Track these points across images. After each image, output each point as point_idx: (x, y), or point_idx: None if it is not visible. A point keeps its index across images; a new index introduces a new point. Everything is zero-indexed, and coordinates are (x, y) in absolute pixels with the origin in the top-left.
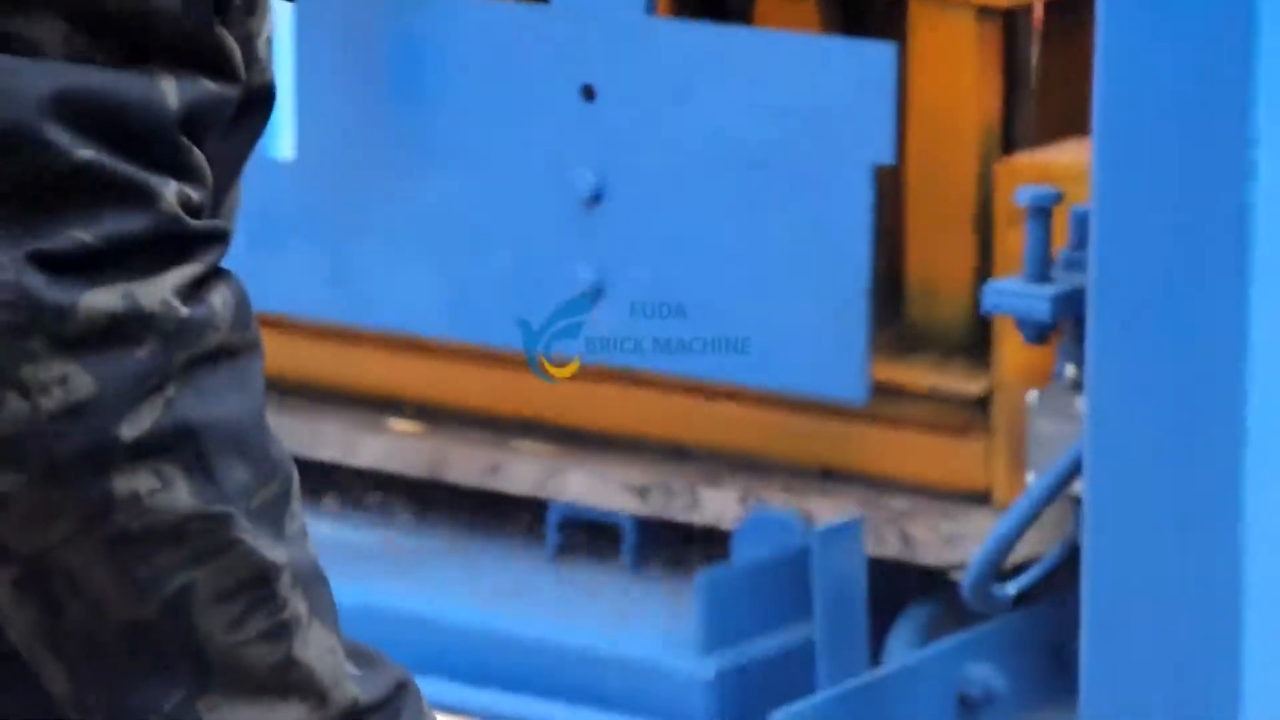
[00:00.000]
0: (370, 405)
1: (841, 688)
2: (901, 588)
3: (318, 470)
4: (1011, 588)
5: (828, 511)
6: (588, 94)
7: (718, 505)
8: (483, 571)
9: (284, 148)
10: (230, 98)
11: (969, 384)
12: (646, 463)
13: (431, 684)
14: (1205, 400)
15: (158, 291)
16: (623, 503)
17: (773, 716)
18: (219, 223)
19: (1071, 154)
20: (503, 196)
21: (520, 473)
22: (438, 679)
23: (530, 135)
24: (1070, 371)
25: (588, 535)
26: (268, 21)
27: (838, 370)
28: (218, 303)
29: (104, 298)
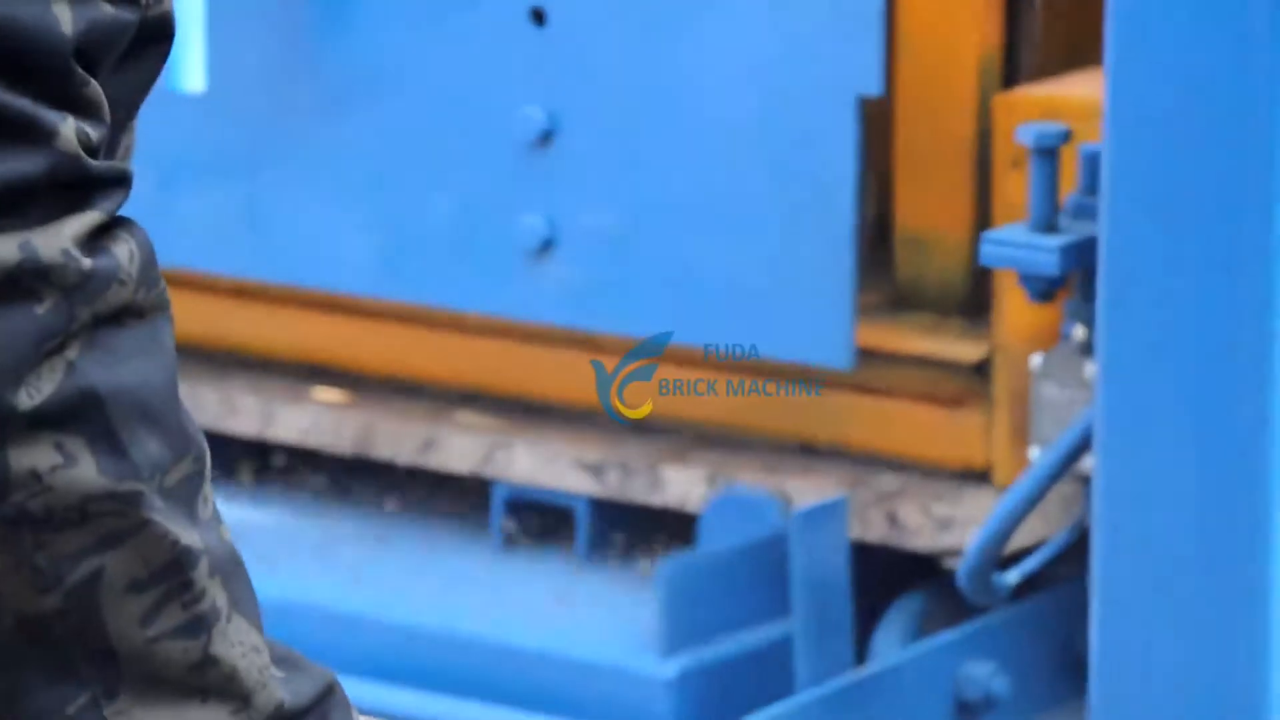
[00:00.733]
0: (291, 372)
1: (823, 689)
2: (890, 576)
3: (232, 445)
4: (1013, 576)
5: (807, 492)
6: (537, 18)
7: (682, 485)
8: (418, 561)
9: (192, 80)
10: (128, 23)
11: (966, 348)
12: (602, 437)
13: (360, 687)
14: (1230, 364)
15: (57, 241)
16: (575, 483)
17: None
18: (121, 165)
19: (1081, 87)
20: (440, 136)
21: (460, 449)
22: (367, 681)
23: (471, 66)
24: (1079, 333)
25: (536, 519)
26: None
27: (819, 333)
28: (123, 255)
29: None
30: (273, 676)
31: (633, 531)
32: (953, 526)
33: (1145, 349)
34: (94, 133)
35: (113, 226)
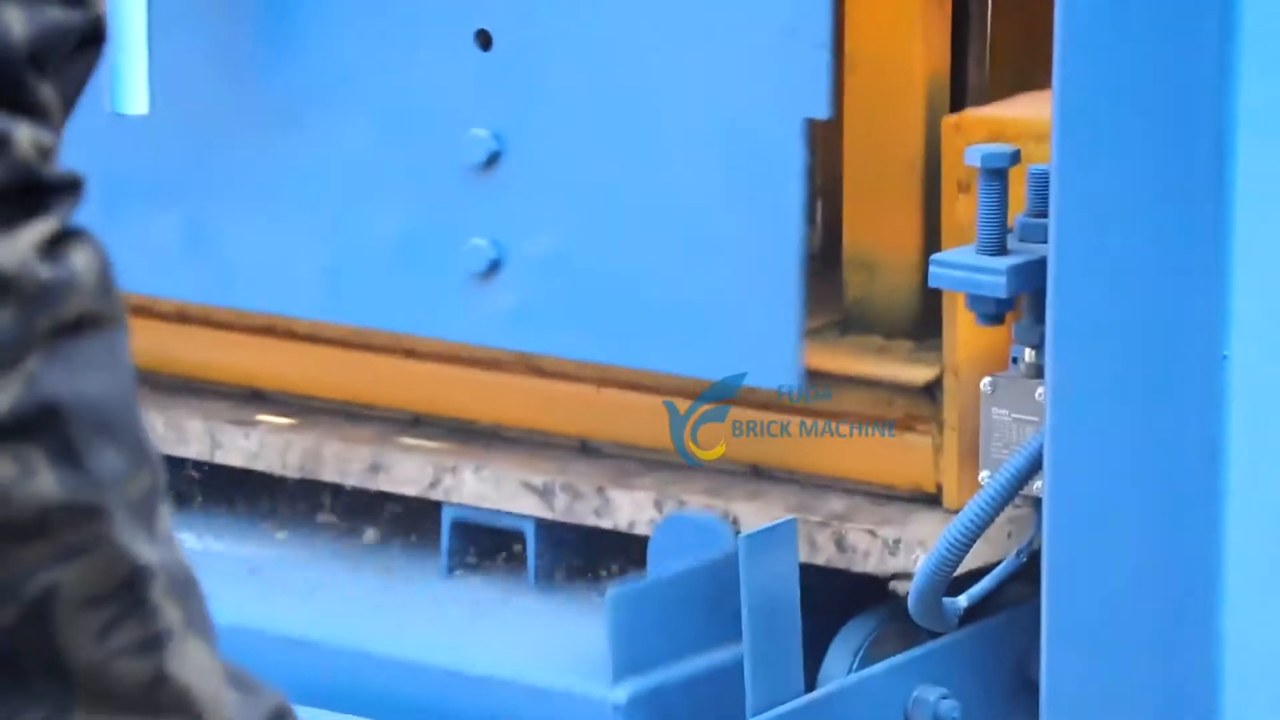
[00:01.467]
0: (236, 397)
1: (773, 713)
2: (839, 599)
3: (177, 470)
4: (964, 601)
5: (756, 515)
6: (483, 41)
7: (630, 508)
8: (365, 584)
9: (135, 102)
10: (75, 27)
11: (915, 370)
12: (550, 460)
13: (307, 712)
14: (1179, 386)
15: (15, 249)
16: (523, 505)
17: None
18: (74, 172)
19: (1029, 108)
20: (386, 159)
21: (407, 472)
22: (314, 708)
23: (417, 88)
24: (1028, 355)
25: (484, 542)
26: None
27: (766, 355)
28: (80, 263)
29: None
30: (226, 697)
31: (581, 554)
32: (902, 550)
33: (1094, 371)
34: (47, 139)
35: (68, 235)
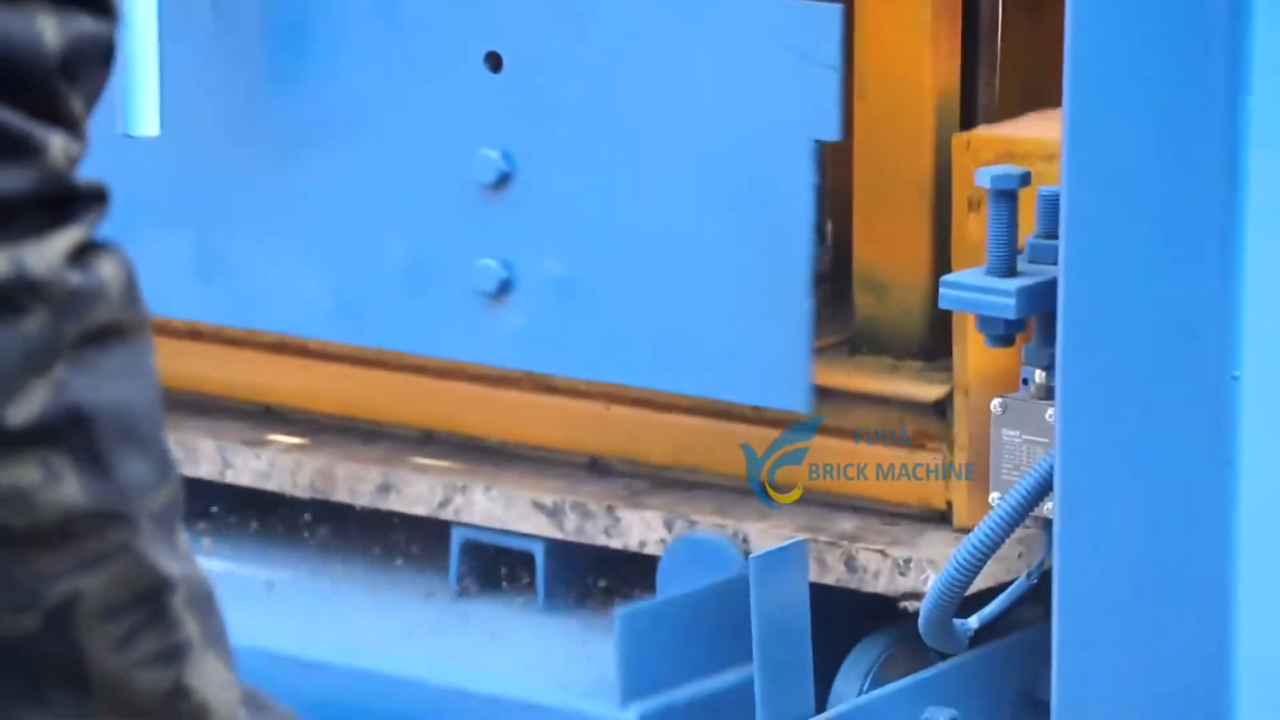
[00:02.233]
0: (247, 416)
1: None
2: (850, 620)
3: (188, 490)
4: (974, 621)
5: (766, 535)
6: (493, 63)
7: (640, 528)
8: (375, 604)
9: (147, 124)
10: (107, 38)
11: (925, 390)
12: (560, 479)
13: None
14: (1191, 407)
15: (46, 256)
16: (533, 525)
17: None
18: (101, 182)
19: (1039, 127)
20: (396, 179)
21: (417, 492)
22: None
23: (427, 110)
24: (1038, 377)
25: (493, 562)
26: None
27: (776, 374)
28: (107, 272)
29: None
30: (241, 714)
31: (591, 574)
32: (912, 569)
33: (1104, 393)
34: (76, 149)
35: (95, 245)
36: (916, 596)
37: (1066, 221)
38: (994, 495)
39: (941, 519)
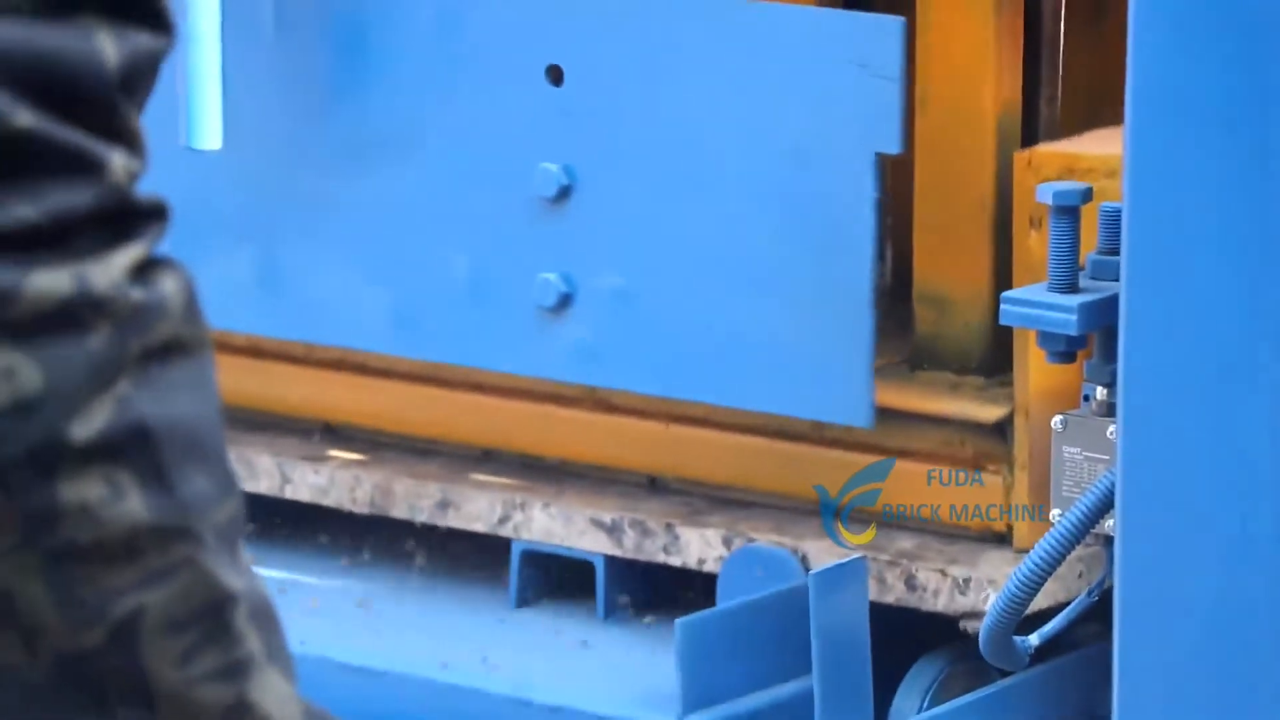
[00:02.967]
0: (307, 432)
1: None
2: (910, 639)
3: (248, 505)
4: (1034, 639)
5: (825, 552)
6: (554, 76)
7: (699, 545)
8: (435, 619)
9: (209, 138)
10: (163, 53)
11: (986, 408)
12: (619, 496)
13: None
14: (1254, 423)
15: (109, 273)
16: (592, 542)
17: None
18: (161, 198)
19: (1101, 144)
20: (457, 193)
21: (476, 508)
22: None
23: (488, 124)
24: (1100, 394)
25: (553, 578)
26: None
27: (837, 392)
28: (168, 288)
29: (52, 279)
30: None
31: (650, 590)
32: (971, 588)
33: (1167, 410)
34: (136, 165)
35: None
36: (976, 616)
37: (1128, 237)
38: (1055, 512)
39: (1001, 539)
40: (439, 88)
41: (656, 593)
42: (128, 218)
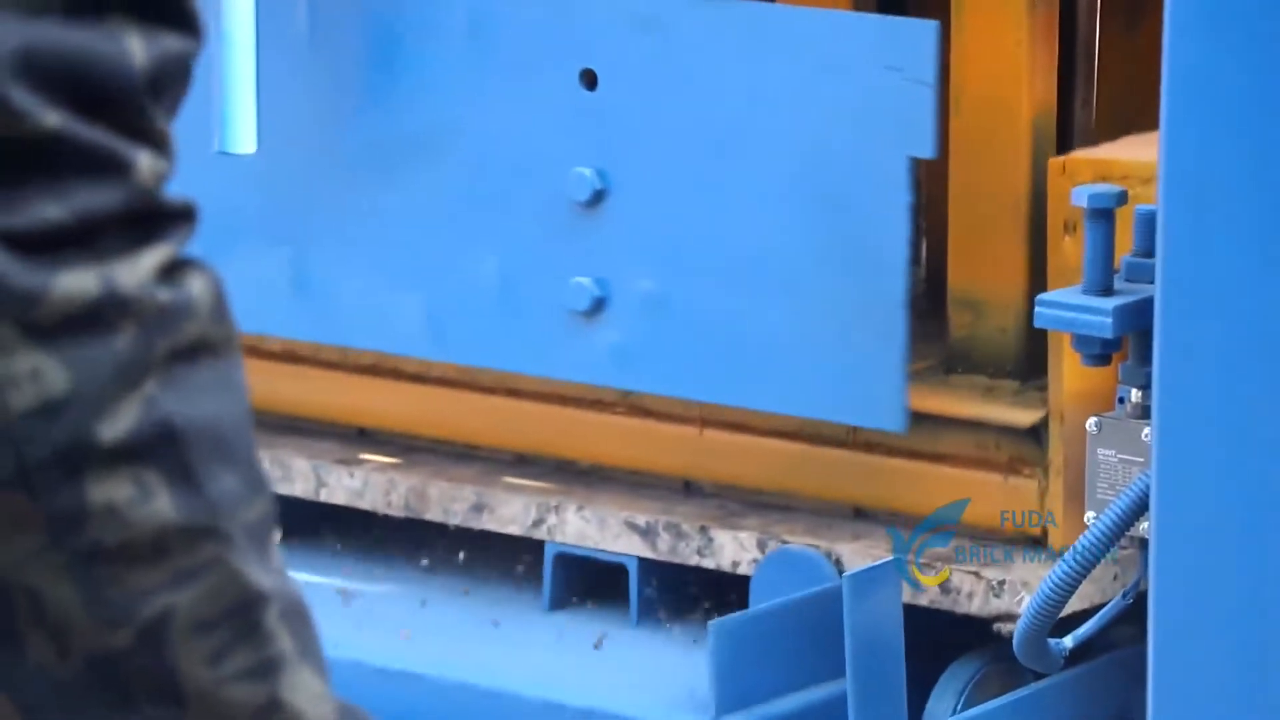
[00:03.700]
0: (341, 435)
1: None
2: (943, 641)
3: (282, 508)
4: (1069, 641)
5: (859, 556)
6: (588, 81)
7: (734, 548)
8: (469, 621)
9: (243, 142)
10: (192, 56)
11: (1020, 412)
12: (653, 500)
13: None
14: None
15: (135, 274)
16: (626, 544)
17: None
18: (189, 199)
19: (1136, 150)
20: (490, 197)
21: (510, 511)
22: None
23: (522, 129)
24: (1135, 396)
25: (587, 580)
26: None
27: (871, 395)
28: (196, 289)
29: (79, 280)
30: None
31: (684, 593)
32: (1006, 591)
33: (1201, 412)
34: (163, 167)
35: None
36: (1010, 618)
37: (1164, 239)
38: (1089, 515)
39: (1036, 542)
40: (472, 92)
41: (690, 595)
42: (155, 218)
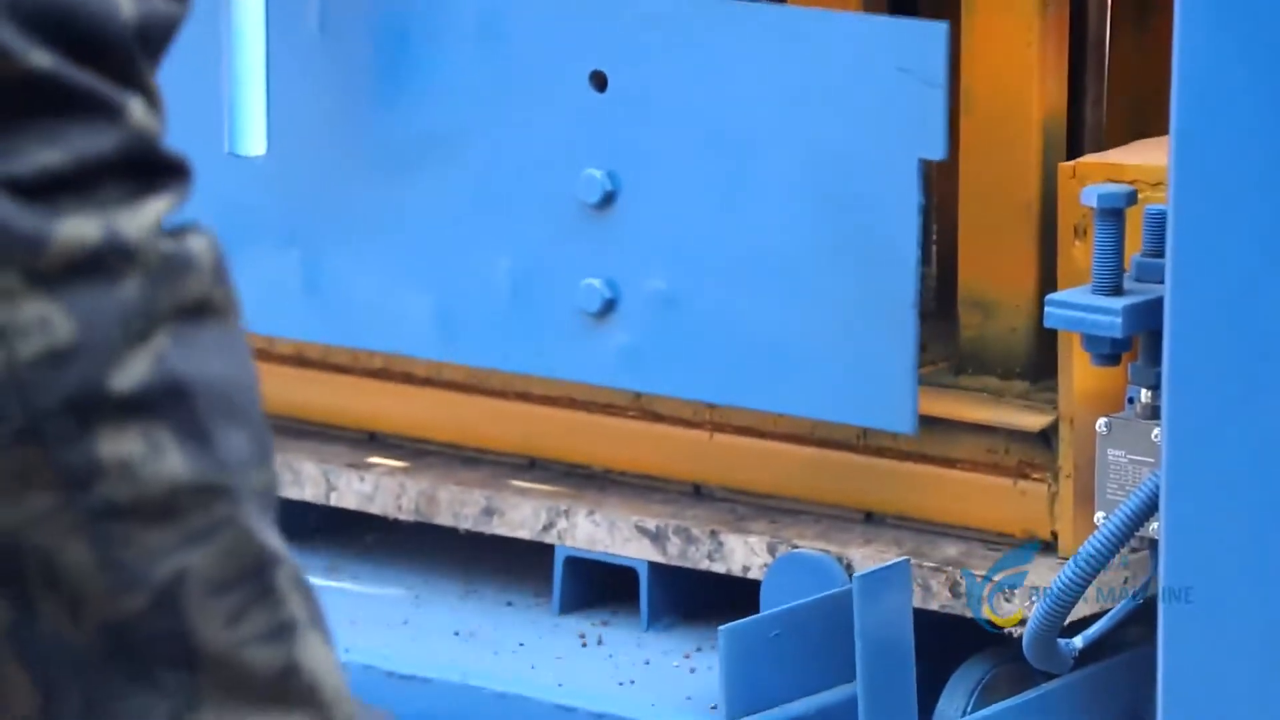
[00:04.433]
0: (351, 439)
1: None
2: (954, 645)
3: (292, 512)
4: (1079, 641)
5: (869, 560)
6: (598, 83)
7: (744, 552)
8: (479, 625)
9: (254, 144)
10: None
11: (1030, 416)
12: (663, 504)
13: None
14: None
15: (138, 221)
16: (636, 549)
17: None
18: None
19: (1146, 154)
20: (501, 199)
21: (520, 515)
22: None
23: (532, 130)
24: (1144, 396)
25: (597, 584)
26: None
27: (881, 397)
28: (197, 246)
29: (81, 227)
30: (349, 694)
31: (694, 597)
32: (1016, 595)
33: (1211, 412)
34: (154, 121)
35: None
36: (1020, 621)
37: (1174, 239)
38: (1099, 515)
39: (1047, 547)
40: (483, 94)
41: (700, 600)
42: (152, 169)
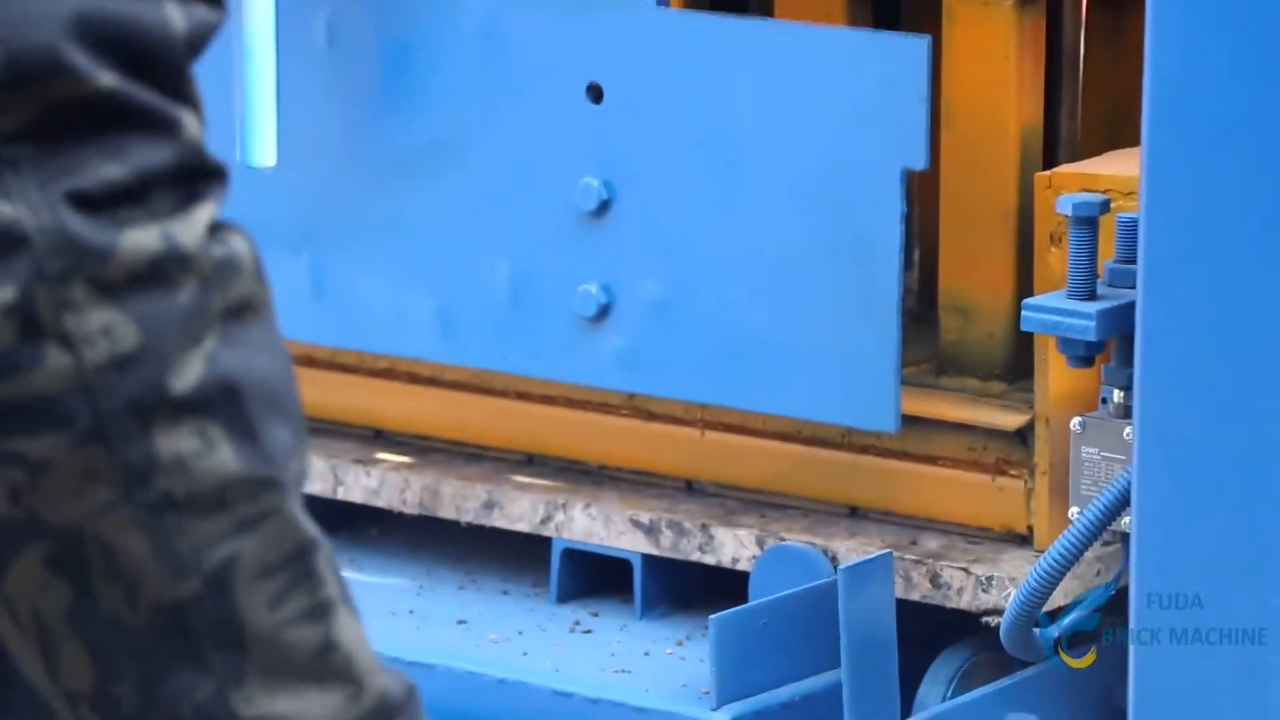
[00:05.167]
0: (357, 436)
1: None
2: (934, 635)
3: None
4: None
5: (854, 553)
6: (594, 94)
7: (733, 545)
8: (479, 614)
9: (264, 155)
10: (218, 26)
11: (1008, 414)
12: (656, 499)
13: None
14: (1265, 426)
15: (193, 230)
16: (631, 541)
17: None
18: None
19: (1119, 164)
20: (500, 206)
21: (519, 509)
22: None
23: (531, 140)
24: (1117, 396)
25: (593, 575)
26: None
27: (866, 398)
28: (240, 247)
29: (143, 237)
30: (380, 666)
31: (686, 588)
32: (994, 586)
33: (1181, 411)
34: (200, 128)
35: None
36: (998, 612)
37: (1145, 246)
38: (1073, 510)
39: (1023, 540)
40: (484, 105)
41: (691, 590)
42: (203, 177)
